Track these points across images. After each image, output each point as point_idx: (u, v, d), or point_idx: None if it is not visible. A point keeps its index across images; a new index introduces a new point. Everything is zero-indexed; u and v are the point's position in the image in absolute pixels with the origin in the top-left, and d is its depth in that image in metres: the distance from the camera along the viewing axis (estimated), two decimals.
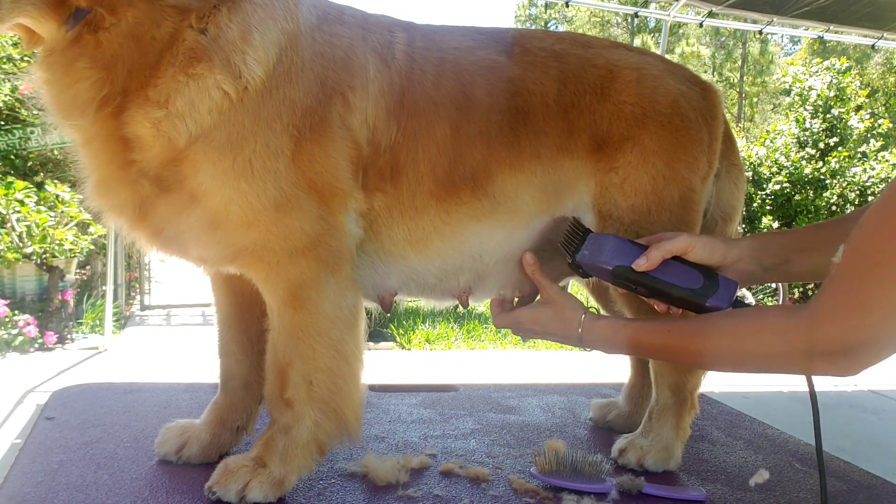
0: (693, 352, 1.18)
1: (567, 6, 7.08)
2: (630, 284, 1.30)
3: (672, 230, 1.46)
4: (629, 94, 1.46)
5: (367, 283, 1.42)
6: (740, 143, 11.36)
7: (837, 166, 9.85)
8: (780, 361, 1.06)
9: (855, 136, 10.64)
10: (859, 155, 10.90)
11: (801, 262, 1.26)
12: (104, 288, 7.05)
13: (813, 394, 1.19)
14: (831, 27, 7.21)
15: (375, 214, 1.37)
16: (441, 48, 1.43)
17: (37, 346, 6.34)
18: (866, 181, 10.05)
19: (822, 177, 9.83)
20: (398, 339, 7.57)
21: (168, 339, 7.19)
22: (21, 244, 6.53)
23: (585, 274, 1.39)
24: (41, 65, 1.17)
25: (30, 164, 7.42)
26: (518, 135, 1.42)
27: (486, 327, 7.90)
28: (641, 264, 1.26)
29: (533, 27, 26.39)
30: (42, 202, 6.83)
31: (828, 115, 10.25)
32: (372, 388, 2.03)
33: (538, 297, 1.47)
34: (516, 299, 1.53)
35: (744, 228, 9.44)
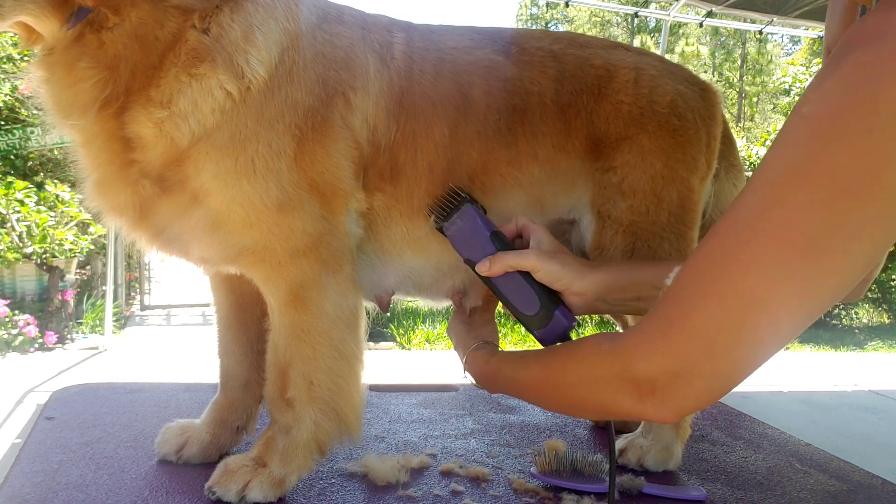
0: (520, 383, 1.10)
1: (567, 6, 7.08)
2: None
3: (671, 230, 1.46)
4: (626, 94, 1.46)
5: (365, 283, 1.42)
6: (740, 143, 11.34)
7: None
8: (587, 392, 0.92)
9: None
10: None
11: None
12: (104, 288, 7.06)
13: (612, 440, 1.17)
14: None
15: (375, 214, 1.37)
16: (439, 48, 1.43)
17: (37, 346, 6.34)
18: None
19: None
20: (398, 339, 7.57)
21: (168, 339, 7.19)
22: (21, 244, 6.53)
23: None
24: (40, 64, 1.17)
25: (30, 164, 7.43)
26: (515, 135, 1.42)
27: None
28: (483, 270, 1.23)
29: (534, 27, 26.39)
30: (42, 202, 6.84)
31: None
32: (372, 388, 2.03)
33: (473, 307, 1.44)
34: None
35: None
